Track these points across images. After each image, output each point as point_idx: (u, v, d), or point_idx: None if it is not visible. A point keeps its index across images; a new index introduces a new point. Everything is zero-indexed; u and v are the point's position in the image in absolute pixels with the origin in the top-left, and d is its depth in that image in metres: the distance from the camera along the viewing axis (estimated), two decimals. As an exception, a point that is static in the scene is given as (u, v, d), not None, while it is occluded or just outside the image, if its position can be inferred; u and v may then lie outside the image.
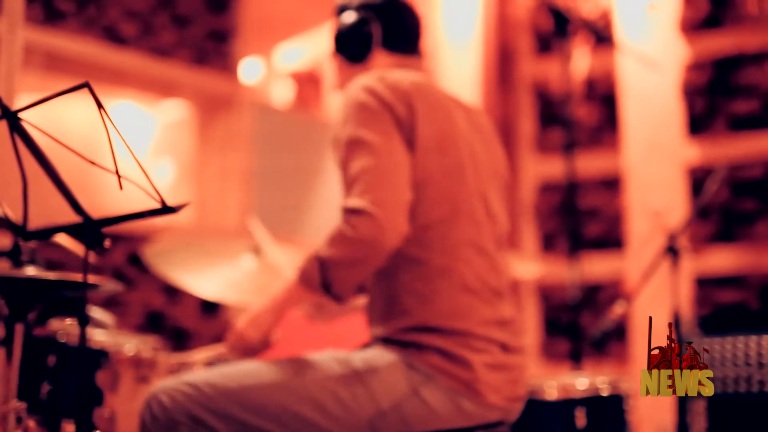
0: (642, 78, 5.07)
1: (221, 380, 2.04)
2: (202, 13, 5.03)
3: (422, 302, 2.06)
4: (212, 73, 5.02)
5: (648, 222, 4.90)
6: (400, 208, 2.01)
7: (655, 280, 3.28)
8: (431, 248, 2.08)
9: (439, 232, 2.09)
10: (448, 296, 2.06)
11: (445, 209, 2.10)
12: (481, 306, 2.09)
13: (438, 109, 2.16)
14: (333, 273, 2.01)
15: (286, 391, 2.01)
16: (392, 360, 2.03)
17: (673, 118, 5.01)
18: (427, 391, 2.00)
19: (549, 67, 5.65)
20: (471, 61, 5.69)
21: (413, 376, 2.01)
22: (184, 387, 2.03)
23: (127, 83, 5.00)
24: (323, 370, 2.04)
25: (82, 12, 4.46)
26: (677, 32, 5.05)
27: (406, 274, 2.09)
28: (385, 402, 1.99)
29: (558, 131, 5.52)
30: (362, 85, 2.14)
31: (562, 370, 5.23)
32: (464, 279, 2.08)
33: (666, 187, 4.96)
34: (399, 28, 2.35)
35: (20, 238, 1.93)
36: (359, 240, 1.98)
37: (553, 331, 5.43)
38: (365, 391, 2.00)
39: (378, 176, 2.01)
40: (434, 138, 2.12)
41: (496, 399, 2.04)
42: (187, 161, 5.52)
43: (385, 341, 2.09)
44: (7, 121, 1.74)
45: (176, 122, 5.70)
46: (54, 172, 1.79)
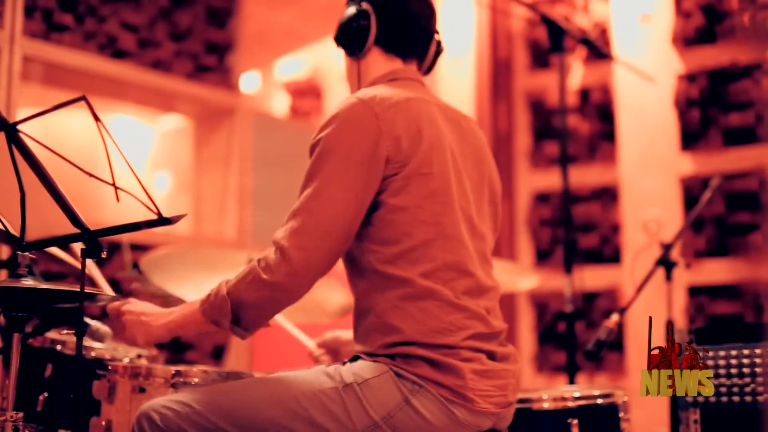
0: (636, 90, 5.11)
1: (212, 397, 2.05)
2: (201, 26, 5.05)
3: (409, 320, 2.05)
4: (211, 86, 5.04)
5: (642, 233, 4.92)
6: (322, 261, 2.01)
7: (649, 292, 3.30)
8: (415, 270, 2.07)
9: (422, 254, 2.08)
10: (435, 315, 2.05)
11: (429, 232, 2.09)
12: (468, 323, 2.08)
13: (426, 132, 2.12)
14: (244, 312, 2.02)
15: (277, 406, 2.01)
16: (381, 371, 2.03)
17: (668, 131, 5.04)
18: (418, 400, 2.00)
19: (544, 80, 5.68)
20: (466, 74, 5.72)
21: (403, 385, 2.01)
22: (174, 404, 2.03)
23: (126, 96, 5.02)
24: (313, 383, 2.04)
25: (82, 25, 4.49)
26: (671, 45, 5.08)
27: (392, 292, 2.08)
28: (377, 413, 1.99)
29: (553, 144, 5.54)
30: (348, 105, 2.11)
31: (557, 381, 5.24)
32: (450, 299, 2.07)
33: (660, 199, 4.98)
34: (397, 28, 2.30)
35: (18, 248, 1.95)
36: (268, 283, 1.98)
37: (548, 343, 5.45)
38: (357, 404, 2.00)
39: (314, 222, 2.01)
40: (419, 162, 2.09)
41: (487, 405, 2.04)
42: (184, 173, 5.54)
43: (371, 355, 2.09)
44: (5, 134, 1.76)
45: (174, 134, 5.73)
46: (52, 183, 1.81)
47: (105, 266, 4.34)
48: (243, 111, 5.20)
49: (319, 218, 2.01)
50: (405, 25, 2.31)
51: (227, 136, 5.19)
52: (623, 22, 5.29)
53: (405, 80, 2.29)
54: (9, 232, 1.97)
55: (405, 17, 2.31)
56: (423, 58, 2.38)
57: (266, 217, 5.19)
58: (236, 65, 5.23)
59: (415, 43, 2.34)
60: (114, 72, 4.56)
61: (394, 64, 2.32)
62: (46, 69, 4.42)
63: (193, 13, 5.02)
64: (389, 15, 2.29)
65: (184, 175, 5.56)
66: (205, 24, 5.09)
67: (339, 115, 2.10)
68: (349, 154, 2.05)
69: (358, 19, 2.29)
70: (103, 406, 2.39)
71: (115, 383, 2.38)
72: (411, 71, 2.34)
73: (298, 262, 1.98)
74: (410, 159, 2.08)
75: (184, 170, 5.54)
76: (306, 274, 2.00)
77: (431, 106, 2.22)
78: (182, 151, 5.60)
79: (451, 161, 2.18)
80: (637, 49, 5.17)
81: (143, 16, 4.76)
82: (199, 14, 5.06)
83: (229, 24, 5.22)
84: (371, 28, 2.28)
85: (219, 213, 5.15)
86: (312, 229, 2.00)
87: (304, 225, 2.00)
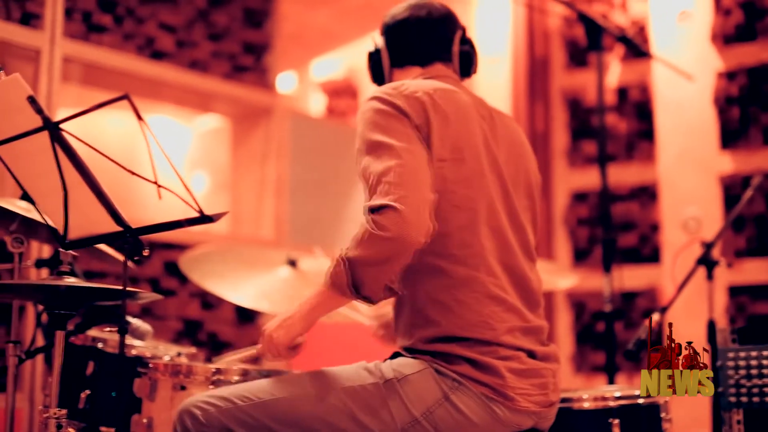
0: (675, 88, 5.06)
1: (254, 393, 2.05)
2: (238, 27, 5.08)
3: (447, 312, 2.05)
4: (248, 86, 5.06)
5: (681, 233, 4.88)
6: (425, 205, 1.97)
7: (688, 291, 3.27)
8: (452, 258, 2.07)
9: (458, 241, 2.08)
10: (472, 306, 2.05)
11: (463, 218, 2.09)
12: (506, 315, 2.08)
13: (455, 118, 2.14)
14: (361, 273, 1.95)
15: (319, 401, 2.01)
16: (421, 367, 2.03)
17: (707, 129, 4.98)
18: (458, 397, 2.00)
19: (581, 79, 5.65)
20: (503, 74, 5.70)
21: (443, 382, 2.01)
22: (216, 400, 2.04)
23: (163, 96, 5.05)
24: (354, 379, 2.04)
25: (121, 26, 4.52)
26: (710, 42, 5.03)
27: (429, 283, 2.08)
28: (417, 409, 1.99)
29: (591, 142, 5.51)
30: (377, 94, 2.15)
31: (596, 381, 5.21)
32: (488, 289, 2.07)
33: (700, 198, 4.93)
34: (403, 46, 2.40)
35: (61, 247, 1.97)
36: (385, 237, 1.92)
37: (586, 343, 5.41)
38: (397, 399, 1.99)
39: (401, 176, 1.97)
40: (449, 147, 2.10)
41: (527, 404, 2.03)
42: (222, 173, 5.57)
43: (411, 351, 2.10)
44: (48, 132, 1.77)
45: (211, 134, 5.76)
46: (95, 182, 1.82)
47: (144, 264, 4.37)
48: (279, 111, 5.22)
49: (405, 169, 1.99)
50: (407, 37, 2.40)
51: (264, 135, 5.21)
52: (661, 20, 5.24)
53: (438, 77, 2.32)
54: (53, 230, 1.98)
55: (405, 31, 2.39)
56: (447, 59, 2.40)
57: (303, 215, 5.21)
58: (273, 65, 5.25)
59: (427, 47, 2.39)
60: (152, 72, 4.59)
61: (414, 71, 2.38)
62: (85, 69, 4.46)
63: (230, 14, 5.05)
64: (393, 38, 2.41)
65: (221, 175, 5.59)
66: (242, 24, 5.11)
67: (376, 104, 2.13)
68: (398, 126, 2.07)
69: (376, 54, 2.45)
70: (144, 403, 2.40)
71: (156, 381, 2.39)
72: (438, 68, 2.37)
73: (403, 210, 1.92)
74: (438, 140, 2.09)
75: (222, 170, 5.57)
76: (413, 220, 1.93)
77: (463, 96, 2.24)
78: (219, 151, 5.63)
79: (485, 150, 2.18)
80: (676, 47, 5.12)
81: (181, 17, 4.79)
82: (236, 15, 5.08)
83: (265, 24, 5.24)
84: (383, 56, 2.42)
85: (256, 212, 5.17)
86: (406, 181, 1.97)
87: (396, 180, 1.97)
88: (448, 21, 2.42)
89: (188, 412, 2.03)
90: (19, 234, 2.45)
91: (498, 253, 2.12)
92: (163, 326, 4.39)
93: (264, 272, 3.21)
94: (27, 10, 4.09)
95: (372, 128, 2.08)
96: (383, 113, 2.09)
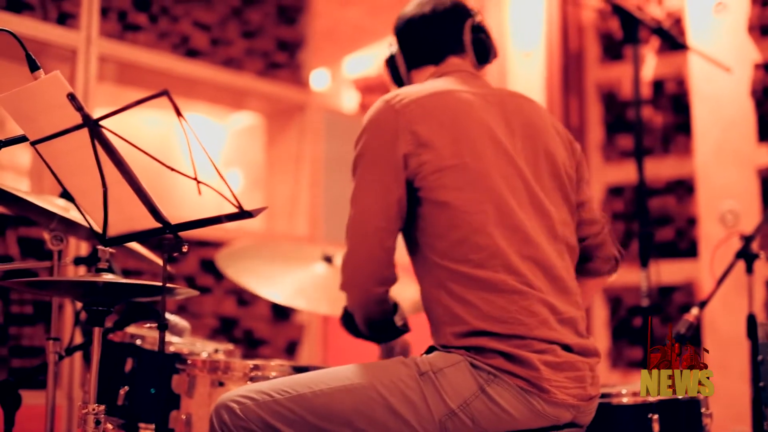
0: (712, 81, 5.00)
1: (291, 386, 2.05)
2: (272, 24, 5.09)
3: (474, 311, 2.05)
4: (282, 83, 5.07)
5: (719, 226, 4.83)
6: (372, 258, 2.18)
7: (728, 285, 3.24)
8: (470, 263, 2.08)
9: (472, 246, 2.08)
10: (499, 304, 2.05)
11: (474, 221, 2.09)
12: (536, 308, 2.06)
13: (450, 122, 2.16)
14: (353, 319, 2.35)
15: (356, 395, 2.02)
16: (455, 360, 2.03)
17: (745, 121, 4.93)
18: (493, 389, 1.99)
19: (616, 72, 5.61)
20: (537, 68, 5.67)
21: (479, 375, 2.00)
22: (254, 393, 2.04)
23: (198, 94, 5.07)
24: (391, 373, 2.04)
25: (156, 25, 4.55)
26: (747, 34, 4.98)
27: (454, 284, 2.09)
28: (454, 401, 1.99)
29: (626, 136, 5.47)
30: (373, 110, 2.24)
31: (632, 377, 5.17)
32: (512, 286, 2.06)
33: (737, 191, 4.88)
34: (415, 48, 2.44)
35: (101, 243, 1.98)
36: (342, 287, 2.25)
37: (622, 338, 5.38)
38: (434, 392, 2.00)
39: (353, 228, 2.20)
40: (447, 154, 2.13)
41: (565, 396, 2.02)
42: (256, 170, 5.59)
43: (445, 347, 2.10)
44: (88, 129, 1.79)
45: (245, 131, 5.77)
46: (135, 179, 1.83)
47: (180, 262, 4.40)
48: (313, 108, 5.23)
49: (354, 220, 2.19)
50: (417, 38, 2.43)
51: (298, 133, 5.22)
52: (698, 12, 5.19)
53: (446, 74, 2.36)
54: (91, 228, 2.00)
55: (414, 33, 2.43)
56: (460, 50, 2.41)
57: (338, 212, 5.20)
58: (306, 62, 5.26)
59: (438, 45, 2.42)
60: (187, 71, 4.61)
61: (429, 70, 2.42)
62: (120, 68, 4.49)
63: (264, 11, 5.06)
64: (405, 41, 2.46)
65: (256, 173, 5.60)
66: (276, 22, 5.12)
67: (367, 121, 2.25)
68: (373, 158, 2.19)
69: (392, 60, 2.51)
70: (182, 400, 2.42)
71: (195, 377, 2.41)
72: (452, 63, 2.40)
73: (346, 263, 2.20)
74: (433, 151, 2.12)
75: (256, 167, 5.59)
76: (355, 273, 2.20)
77: (464, 95, 2.24)
78: (254, 148, 5.65)
79: (491, 145, 2.17)
80: (712, 39, 5.07)
81: (215, 15, 4.81)
82: (270, 12, 5.10)
83: (299, 21, 5.25)
84: (398, 62, 2.48)
85: (291, 209, 5.18)
86: (352, 232, 2.19)
87: (347, 229, 2.21)
88: (455, 12, 2.43)
89: (225, 407, 2.04)
90: (59, 231, 2.47)
91: (519, 249, 2.10)
92: (199, 323, 4.42)
93: (300, 268, 3.21)
94: (63, 9, 4.13)
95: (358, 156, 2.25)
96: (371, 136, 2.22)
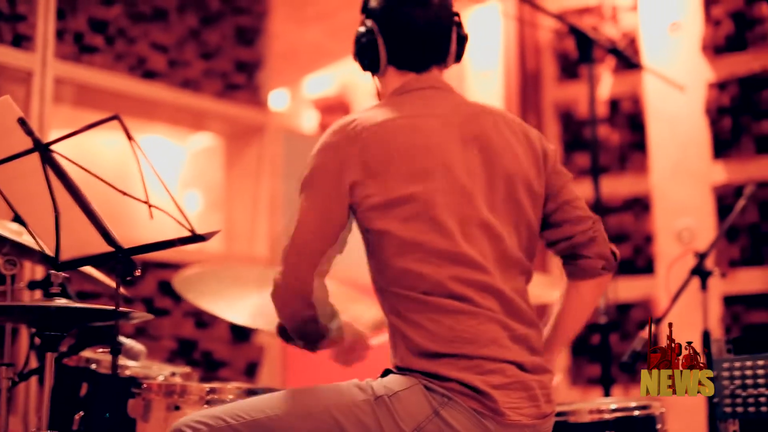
0: (667, 100, 5.07)
1: (246, 411, 2.03)
2: (230, 45, 5.09)
3: (424, 332, 2.04)
4: (241, 104, 5.07)
5: (675, 243, 4.88)
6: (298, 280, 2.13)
7: (683, 302, 3.27)
8: (417, 289, 2.07)
9: (416, 276, 2.08)
10: (446, 324, 2.04)
11: (417, 253, 2.08)
12: (485, 326, 2.05)
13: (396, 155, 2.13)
14: None
15: (311, 420, 2.00)
16: (410, 383, 2.02)
17: (699, 139, 5.00)
18: (448, 412, 1.98)
19: (573, 91, 5.66)
20: (495, 87, 5.71)
21: (433, 398, 1.99)
22: (208, 419, 2.01)
23: (156, 116, 5.06)
24: (346, 396, 2.03)
25: (112, 46, 4.53)
26: (701, 53, 5.05)
27: (403, 308, 2.09)
28: (408, 425, 1.98)
29: (583, 155, 5.52)
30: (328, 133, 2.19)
31: (592, 394, 5.20)
32: (459, 307, 2.05)
33: (693, 208, 4.94)
34: (405, 47, 2.29)
35: (53, 268, 1.96)
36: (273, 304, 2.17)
37: (582, 355, 5.41)
38: (387, 416, 1.99)
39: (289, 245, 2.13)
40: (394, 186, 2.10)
41: (519, 417, 2.02)
42: (215, 191, 5.57)
43: (400, 369, 2.09)
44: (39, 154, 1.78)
45: (204, 153, 5.76)
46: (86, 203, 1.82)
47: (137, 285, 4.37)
48: (272, 128, 5.23)
49: (292, 243, 2.13)
50: (413, 41, 2.30)
51: (257, 153, 5.22)
52: (652, 31, 5.26)
53: (415, 91, 2.28)
54: (44, 252, 1.98)
55: (411, 34, 2.29)
56: (443, 61, 2.36)
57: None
58: (265, 83, 5.26)
59: (430, 55, 2.32)
60: (145, 92, 4.60)
61: (407, 77, 2.31)
62: (77, 91, 4.46)
63: (222, 33, 5.06)
64: (395, 35, 2.30)
65: (214, 194, 5.59)
66: (234, 43, 5.12)
67: (320, 144, 2.18)
68: (320, 182, 2.15)
69: (364, 37, 2.32)
70: (138, 424, 2.40)
71: (150, 401, 2.38)
72: (423, 80, 2.30)
73: (278, 282, 2.13)
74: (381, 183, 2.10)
75: (216, 189, 5.57)
76: (286, 293, 2.14)
77: (422, 122, 2.19)
78: (213, 169, 5.63)
79: (444, 175, 2.13)
80: (667, 58, 5.14)
81: (172, 36, 4.80)
82: (228, 33, 5.09)
83: (257, 42, 5.26)
84: (380, 49, 2.30)
85: (250, 230, 5.17)
86: (287, 254, 2.13)
87: (284, 249, 2.15)
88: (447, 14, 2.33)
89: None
90: (12, 256, 2.45)
91: (466, 277, 2.09)
92: (158, 346, 4.38)
93: (259, 290, 3.20)
94: (18, 31, 4.10)
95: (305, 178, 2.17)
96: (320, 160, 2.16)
